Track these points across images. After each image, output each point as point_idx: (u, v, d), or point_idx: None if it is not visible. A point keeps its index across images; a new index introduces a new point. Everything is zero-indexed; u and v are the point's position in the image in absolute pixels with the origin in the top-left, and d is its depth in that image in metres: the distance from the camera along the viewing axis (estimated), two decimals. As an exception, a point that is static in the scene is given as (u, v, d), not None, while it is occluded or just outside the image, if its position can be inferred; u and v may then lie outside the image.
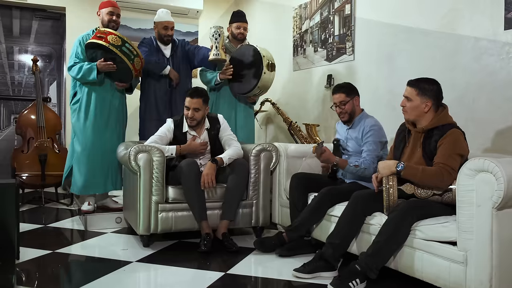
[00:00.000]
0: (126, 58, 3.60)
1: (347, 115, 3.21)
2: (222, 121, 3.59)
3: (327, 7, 4.54)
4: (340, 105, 3.22)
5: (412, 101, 2.60)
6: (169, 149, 3.34)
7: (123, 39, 3.62)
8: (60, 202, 4.80)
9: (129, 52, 3.62)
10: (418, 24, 3.51)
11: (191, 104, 3.40)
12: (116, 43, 3.57)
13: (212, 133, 3.54)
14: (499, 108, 2.92)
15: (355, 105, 3.21)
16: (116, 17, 3.85)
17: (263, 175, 3.52)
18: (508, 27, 2.85)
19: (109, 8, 3.84)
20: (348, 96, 3.20)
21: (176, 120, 3.53)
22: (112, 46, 3.56)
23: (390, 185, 2.49)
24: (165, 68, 4.07)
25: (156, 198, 3.21)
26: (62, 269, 2.88)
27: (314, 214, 3.01)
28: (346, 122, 3.25)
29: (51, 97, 5.82)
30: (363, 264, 2.43)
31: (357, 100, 3.23)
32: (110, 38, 3.57)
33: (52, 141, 4.78)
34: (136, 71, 3.72)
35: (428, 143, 2.56)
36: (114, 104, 3.92)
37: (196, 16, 6.18)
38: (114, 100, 3.93)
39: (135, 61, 3.67)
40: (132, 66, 3.65)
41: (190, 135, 3.49)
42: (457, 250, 2.16)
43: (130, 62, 3.62)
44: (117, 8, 3.89)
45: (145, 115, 4.19)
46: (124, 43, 3.61)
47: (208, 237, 3.16)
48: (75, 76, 3.77)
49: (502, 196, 1.99)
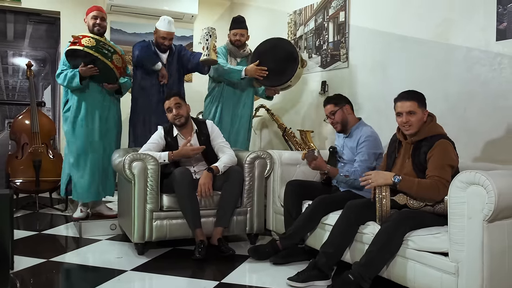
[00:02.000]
0: (104, 57, 3.57)
1: (339, 125, 3.24)
2: (211, 128, 3.60)
3: (321, 13, 4.56)
4: (330, 116, 3.25)
5: (416, 114, 2.60)
6: (161, 155, 3.36)
7: (97, 39, 3.60)
8: (55, 207, 4.80)
9: (105, 51, 3.59)
10: (411, 33, 3.53)
11: (170, 103, 3.46)
12: (91, 44, 3.55)
13: (202, 139, 3.55)
14: (490, 118, 2.95)
15: (346, 114, 3.23)
16: (100, 20, 3.83)
17: (257, 183, 3.54)
18: (500, 38, 2.88)
19: (93, 12, 3.83)
20: (336, 105, 3.23)
21: (166, 127, 3.55)
22: (87, 48, 3.53)
23: (383, 195, 2.51)
24: (157, 64, 4.04)
25: (150, 206, 3.22)
26: (57, 279, 2.89)
27: (308, 222, 3.03)
28: (342, 131, 3.27)
29: (45, 102, 5.81)
30: (356, 274, 2.45)
31: (348, 108, 3.25)
32: (84, 41, 3.55)
33: (46, 147, 4.77)
34: (118, 68, 3.67)
35: (417, 154, 2.60)
36: (104, 111, 3.91)
37: (191, 21, 6.18)
38: (105, 107, 3.92)
39: (114, 58, 3.62)
40: (112, 63, 3.61)
41: (182, 138, 3.50)
42: (449, 261, 2.18)
43: (108, 60, 3.58)
44: (102, 11, 3.87)
45: (135, 119, 4.17)
46: (99, 42, 3.58)
47: (203, 244, 3.17)
48: (61, 83, 3.80)
49: (493, 209, 2.01)
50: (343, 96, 3.33)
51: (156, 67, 4.04)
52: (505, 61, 2.87)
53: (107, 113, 3.94)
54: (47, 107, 5.89)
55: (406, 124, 2.61)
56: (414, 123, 2.59)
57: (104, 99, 3.92)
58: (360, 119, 3.29)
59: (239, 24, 4.25)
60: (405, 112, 2.60)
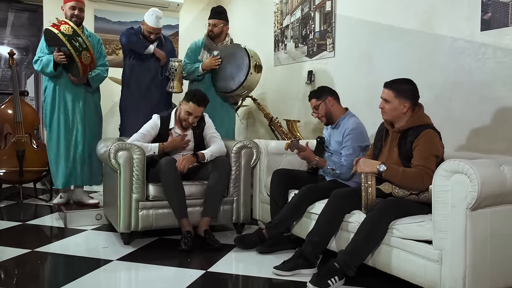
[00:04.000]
0: (73, 49, 3.53)
1: (324, 118, 3.23)
2: (207, 120, 3.59)
3: (308, 3, 4.55)
4: (314, 110, 3.26)
5: (390, 103, 2.64)
6: (151, 147, 3.33)
7: (75, 31, 3.56)
8: (39, 198, 4.75)
9: (77, 45, 3.54)
10: (397, 23, 3.54)
11: (196, 111, 3.38)
12: (67, 33, 3.52)
13: (197, 132, 3.53)
14: (474, 107, 2.98)
15: (329, 106, 3.21)
16: (78, 11, 3.80)
17: (243, 172, 3.54)
18: (485, 28, 2.90)
19: (70, 2, 3.80)
20: (319, 99, 3.23)
21: (163, 117, 3.49)
22: (61, 34, 3.50)
23: (369, 184, 2.53)
24: (148, 47, 4.00)
25: (136, 196, 3.21)
26: (42, 269, 2.87)
27: (294, 211, 3.04)
28: (328, 123, 3.27)
29: (28, 91, 5.71)
30: (342, 262, 2.48)
31: (331, 100, 3.22)
32: (63, 28, 3.53)
33: (30, 136, 4.72)
34: (84, 65, 3.62)
35: (404, 143, 2.62)
36: (79, 100, 3.90)
37: (176, 10, 6.13)
38: (80, 95, 3.91)
39: (83, 54, 3.57)
40: (79, 58, 3.56)
41: (176, 133, 3.48)
42: (433, 249, 2.21)
43: (76, 54, 3.53)
44: (80, 1, 3.83)
45: (126, 107, 4.14)
46: (76, 35, 3.55)
47: (189, 235, 3.16)
48: (37, 69, 3.80)
49: (476, 197, 2.04)
50: (326, 87, 3.31)
51: (148, 51, 4.01)
52: (489, 51, 2.90)
53: (83, 101, 3.93)
54: (30, 96, 5.81)
55: (381, 110, 2.70)
56: (387, 110, 2.67)
57: (79, 87, 3.90)
58: (347, 109, 3.29)
59: (214, 15, 4.21)
60: (382, 98, 2.69)
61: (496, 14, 2.83)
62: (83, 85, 3.89)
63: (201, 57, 4.20)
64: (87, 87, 3.93)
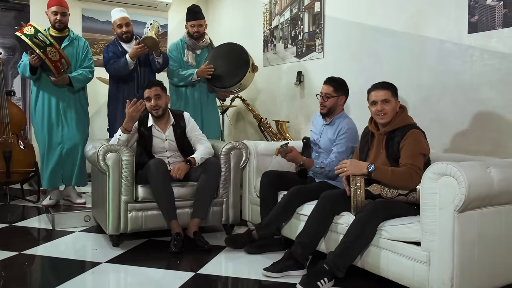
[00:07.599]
0: (36, 47, 3.51)
1: (326, 109, 3.20)
2: (188, 120, 3.56)
3: (297, 3, 4.55)
4: (324, 97, 3.20)
5: (390, 102, 2.65)
6: (116, 134, 3.32)
7: (36, 29, 3.55)
8: (26, 199, 4.70)
9: (39, 42, 3.52)
10: (386, 25, 3.56)
11: (151, 93, 3.40)
12: (29, 33, 3.52)
13: (178, 131, 3.51)
14: (462, 109, 3.01)
15: (338, 104, 3.20)
16: (60, 16, 3.81)
17: (233, 173, 3.54)
18: (472, 31, 2.93)
19: (52, 7, 3.80)
20: (335, 92, 3.18)
21: (140, 117, 3.47)
22: (24, 36, 3.51)
23: (358, 186, 2.55)
24: (128, 62, 3.89)
25: (125, 198, 3.19)
26: (29, 272, 2.84)
27: (284, 212, 3.05)
28: (324, 116, 3.26)
29: (15, 91, 5.65)
30: (331, 264, 2.49)
31: (343, 100, 3.22)
32: (25, 30, 3.54)
33: (17, 137, 4.66)
34: (53, 62, 3.58)
35: (391, 144, 2.64)
36: (63, 101, 3.92)
37: (165, 9, 6.10)
38: (63, 96, 3.92)
39: (48, 50, 3.54)
40: (44, 55, 3.53)
41: (156, 130, 3.46)
42: (421, 250, 2.23)
43: (40, 51, 3.51)
44: (62, 5, 3.82)
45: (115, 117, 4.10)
46: (37, 32, 3.53)
47: (178, 236, 3.16)
48: (20, 74, 3.86)
49: (463, 200, 2.06)
50: (346, 85, 3.26)
51: (130, 65, 3.93)
52: (476, 54, 2.93)
53: (67, 103, 3.94)
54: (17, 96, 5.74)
55: (381, 112, 2.65)
56: (389, 111, 2.64)
57: (63, 88, 3.90)
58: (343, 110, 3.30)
59: (195, 15, 4.16)
60: (379, 101, 2.66)
61: (483, 17, 2.86)
62: (66, 85, 3.87)
63: (187, 58, 4.17)
64: (70, 88, 3.91)
